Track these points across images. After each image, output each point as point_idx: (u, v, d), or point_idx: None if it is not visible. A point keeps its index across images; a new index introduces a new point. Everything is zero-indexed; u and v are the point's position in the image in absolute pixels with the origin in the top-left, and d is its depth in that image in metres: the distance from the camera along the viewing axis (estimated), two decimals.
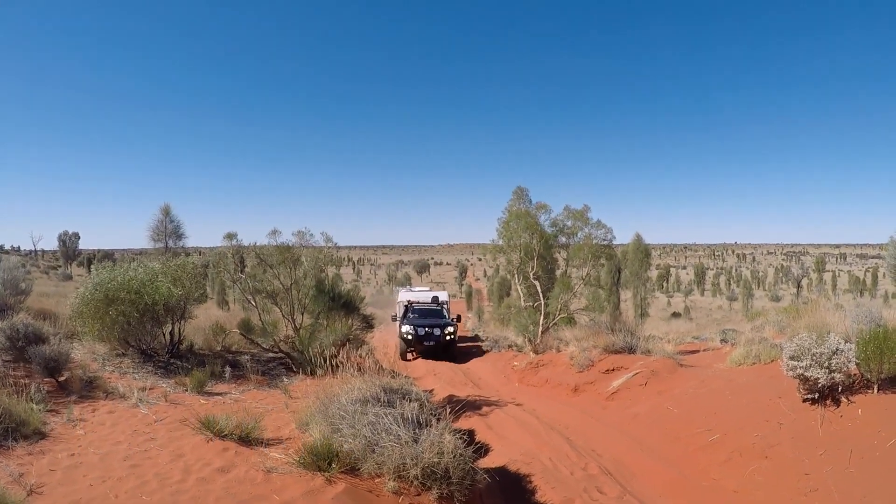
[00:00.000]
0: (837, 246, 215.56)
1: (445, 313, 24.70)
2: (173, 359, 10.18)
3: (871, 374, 7.15)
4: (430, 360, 20.29)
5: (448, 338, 21.78)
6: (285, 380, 10.29)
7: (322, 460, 5.03)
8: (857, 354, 7.19)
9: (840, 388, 7.32)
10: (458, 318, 25.49)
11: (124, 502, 4.31)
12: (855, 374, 7.45)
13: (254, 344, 12.31)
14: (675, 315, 58.73)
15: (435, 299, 26.16)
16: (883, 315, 9.52)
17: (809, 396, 7.53)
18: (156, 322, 10.14)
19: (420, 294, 29.38)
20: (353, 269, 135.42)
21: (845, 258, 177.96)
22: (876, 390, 7.12)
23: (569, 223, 25.04)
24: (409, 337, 21.49)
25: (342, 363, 7.25)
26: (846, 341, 7.42)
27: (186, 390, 8.58)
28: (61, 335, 9.66)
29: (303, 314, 13.18)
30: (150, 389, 8.26)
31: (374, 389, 6.39)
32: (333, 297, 14.72)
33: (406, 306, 24.08)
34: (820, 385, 7.25)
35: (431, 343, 21.40)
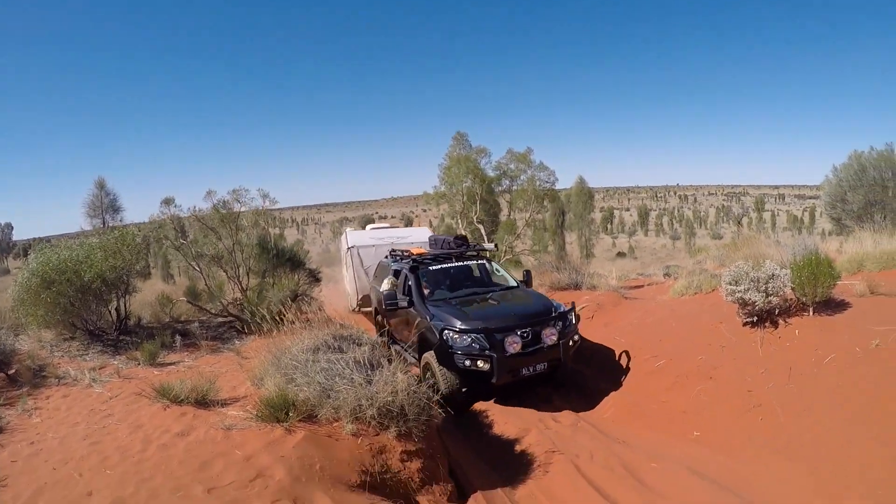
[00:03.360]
0: (776, 187, 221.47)
1: (504, 273, 11.12)
2: (122, 335, 10.05)
3: (806, 298, 7.58)
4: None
5: (572, 343, 8.72)
6: (237, 342, 10.29)
7: (279, 411, 5.11)
8: (792, 279, 7.60)
9: (777, 312, 7.72)
10: (529, 277, 11.16)
11: (89, 480, 4.32)
12: (791, 299, 7.86)
13: (202, 311, 12.24)
14: (620, 255, 60.22)
15: (457, 244, 11.27)
16: (818, 248, 9.93)
17: (749, 320, 7.92)
18: (100, 300, 9.96)
19: (379, 235, 16.48)
20: (298, 229, 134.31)
21: (784, 198, 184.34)
22: (812, 313, 7.53)
23: (512, 166, 25.29)
24: (481, 363, 8.02)
25: (292, 320, 7.26)
26: (782, 267, 7.82)
27: (139, 364, 8.53)
28: (5, 329, 9.43)
29: (248, 274, 13.14)
30: (101, 368, 8.17)
31: (324, 337, 6.46)
32: (277, 254, 14.40)
33: (405, 266, 10.48)
34: (758, 308, 7.66)
35: (542, 368, 8.40)
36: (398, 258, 11.19)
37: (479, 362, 7.96)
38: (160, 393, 5.95)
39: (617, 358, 9.40)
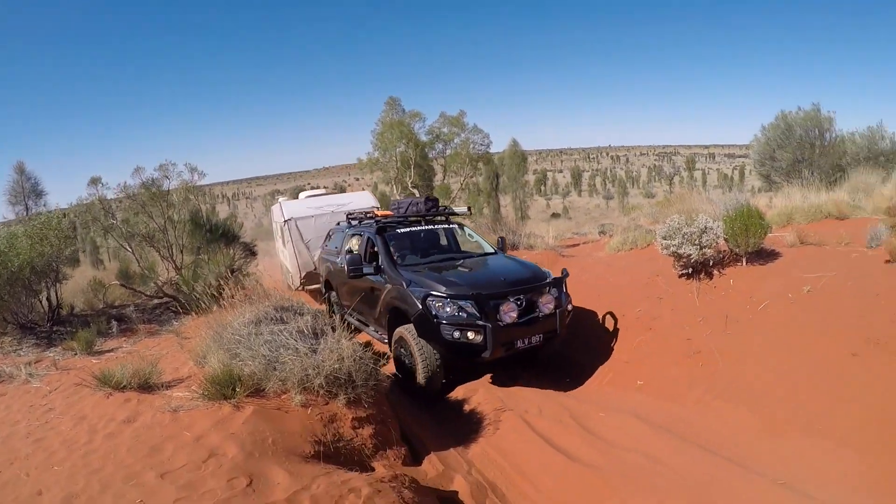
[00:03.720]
0: (707, 146, 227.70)
1: (479, 239, 10.22)
2: (56, 326, 9.77)
3: (739, 249, 7.90)
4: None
5: (568, 311, 7.83)
6: (175, 322, 10.15)
7: (225, 388, 5.02)
8: (724, 231, 7.89)
9: (712, 263, 8.06)
10: (504, 243, 10.23)
11: (37, 478, 4.18)
12: (724, 250, 8.20)
13: (137, 293, 11.96)
14: (555, 216, 61.22)
15: (427, 207, 10.03)
16: (749, 203, 10.29)
17: (684, 272, 8.23)
18: (29, 291, 9.61)
19: (317, 204, 14.21)
20: (229, 204, 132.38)
21: (714, 158, 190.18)
22: (745, 263, 7.87)
23: (445, 130, 25.36)
24: (472, 335, 6.85)
25: (231, 294, 7.11)
26: (714, 220, 8.08)
27: (76, 354, 8.30)
28: None
29: (182, 252, 12.85)
30: (37, 362, 7.89)
31: (265, 309, 6.38)
32: (211, 230, 13.99)
33: (368, 230, 9.32)
34: (693, 261, 7.95)
35: (537, 340, 7.29)
36: (358, 221, 10.06)
37: (469, 334, 6.84)
38: (101, 381, 5.78)
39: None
